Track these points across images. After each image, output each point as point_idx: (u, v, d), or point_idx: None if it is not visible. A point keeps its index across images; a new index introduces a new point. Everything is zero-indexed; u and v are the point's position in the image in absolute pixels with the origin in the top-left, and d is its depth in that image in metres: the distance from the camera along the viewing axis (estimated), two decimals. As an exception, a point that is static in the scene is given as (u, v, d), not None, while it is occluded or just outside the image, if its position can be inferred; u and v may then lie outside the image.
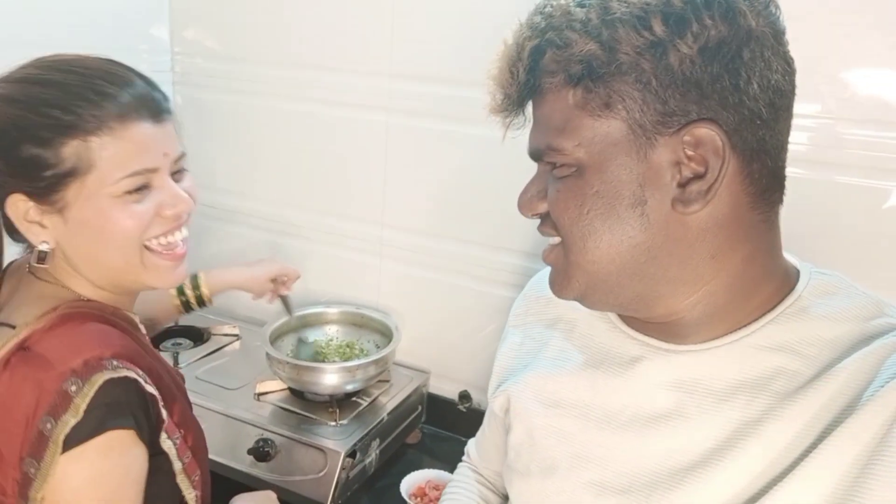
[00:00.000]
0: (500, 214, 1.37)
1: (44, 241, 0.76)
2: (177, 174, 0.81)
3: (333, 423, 1.32)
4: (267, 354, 1.36)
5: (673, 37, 0.51)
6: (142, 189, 0.76)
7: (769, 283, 0.60)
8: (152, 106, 0.76)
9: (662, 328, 0.62)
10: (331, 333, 1.52)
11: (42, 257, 0.77)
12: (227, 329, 1.63)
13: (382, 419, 1.35)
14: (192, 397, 0.93)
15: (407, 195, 1.50)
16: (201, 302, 1.25)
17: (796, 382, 0.56)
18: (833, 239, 1.10)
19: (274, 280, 1.35)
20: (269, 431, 1.29)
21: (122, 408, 0.70)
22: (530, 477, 0.71)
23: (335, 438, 1.27)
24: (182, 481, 0.81)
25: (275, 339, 1.43)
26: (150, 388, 0.75)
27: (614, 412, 0.65)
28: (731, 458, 0.57)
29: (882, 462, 0.50)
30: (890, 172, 1.06)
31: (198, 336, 1.60)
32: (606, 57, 0.53)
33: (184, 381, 0.93)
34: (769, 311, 0.59)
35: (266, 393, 1.40)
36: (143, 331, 0.89)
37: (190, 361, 1.49)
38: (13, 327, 0.74)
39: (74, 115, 0.71)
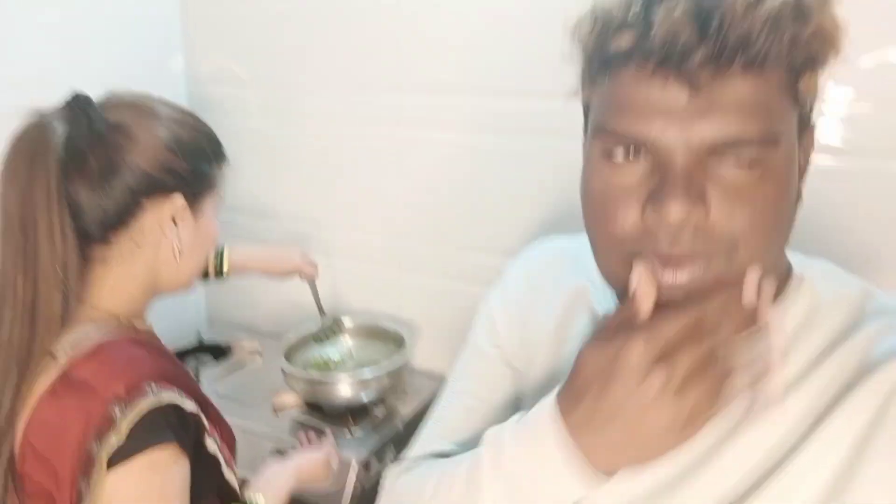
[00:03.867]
0: (512, 218, 1.37)
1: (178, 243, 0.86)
2: None
3: (349, 434, 1.32)
4: (282, 369, 1.38)
5: None
6: None
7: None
8: None
9: None
10: (347, 345, 1.54)
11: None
12: (248, 345, 1.66)
13: (398, 428, 1.35)
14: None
15: (416, 202, 1.51)
16: (220, 273, 1.31)
17: (794, 371, 0.55)
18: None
19: (295, 273, 1.41)
20: (286, 443, 1.30)
21: (163, 428, 0.75)
22: None
23: (349, 448, 1.27)
24: (227, 473, 0.88)
25: (291, 352, 1.45)
26: (190, 407, 0.79)
27: None
28: (729, 452, 0.55)
29: (877, 443, 0.50)
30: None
31: (219, 352, 1.64)
32: (835, 49, 0.46)
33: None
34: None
35: (284, 407, 1.41)
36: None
37: (211, 379, 1.52)
38: (54, 357, 0.77)
39: (222, 147, 0.91)
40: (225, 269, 1.31)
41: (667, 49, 0.44)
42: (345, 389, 1.34)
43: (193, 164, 0.85)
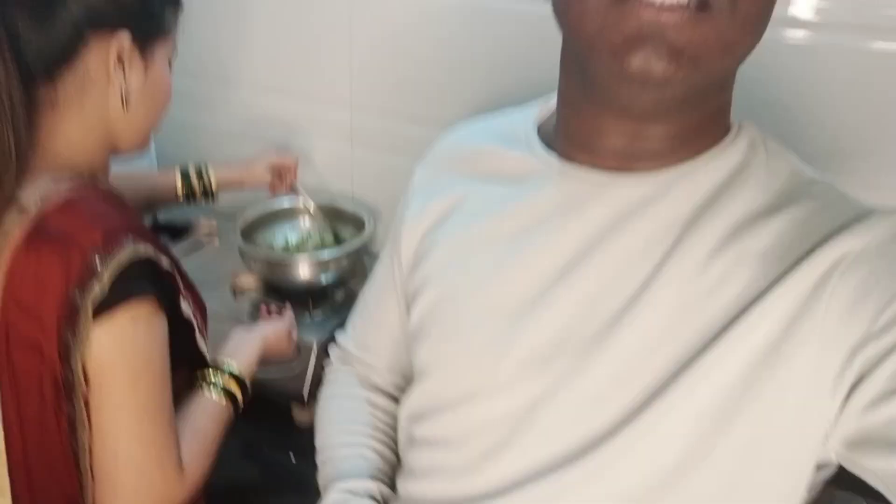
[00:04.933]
0: (478, 93, 1.28)
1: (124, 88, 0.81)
2: None
3: (308, 318, 1.31)
4: (239, 249, 1.34)
5: None
6: None
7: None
8: None
9: (620, 156, 0.56)
10: (305, 226, 1.49)
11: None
12: (206, 224, 1.61)
13: (358, 310, 1.34)
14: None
15: (376, 75, 1.40)
16: (206, 194, 1.26)
17: (713, 236, 0.53)
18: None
19: (273, 169, 1.36)
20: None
21: (143, 280, 0.76)
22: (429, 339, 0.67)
23: (309, 331, 1.27)
24: (200, 341, 0.90)
25: (248, 232, 1.41)
26: (165, 264, 0.80)
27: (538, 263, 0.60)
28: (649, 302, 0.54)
29: (808, 322, 0.48)
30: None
31: (176, 232, 1.59)
32: None
33: None
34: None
35: (243, 288, 1.39)
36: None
37: (168, 259, 1.49)
38: (23, 209, 0.76)
39: None
40: (213, 187, 1.27)
41: None
42: (304, 270, 1.32)
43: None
